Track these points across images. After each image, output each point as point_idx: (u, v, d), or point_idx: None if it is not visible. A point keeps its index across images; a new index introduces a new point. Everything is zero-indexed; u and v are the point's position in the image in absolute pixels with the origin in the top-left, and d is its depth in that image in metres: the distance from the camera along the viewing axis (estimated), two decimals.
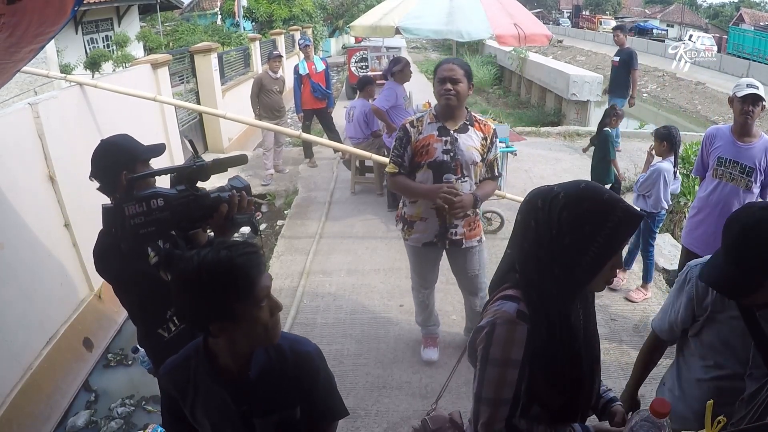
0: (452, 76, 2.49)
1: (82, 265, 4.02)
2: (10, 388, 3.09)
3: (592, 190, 1.17)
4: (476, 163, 2.60)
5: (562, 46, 31.11)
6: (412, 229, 2.79)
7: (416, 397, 2.92)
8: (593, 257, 1.14)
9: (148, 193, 1.42)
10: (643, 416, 1.27)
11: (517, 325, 1.19)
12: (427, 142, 2.60)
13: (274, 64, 6.57)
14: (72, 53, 11.65)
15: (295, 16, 18.38)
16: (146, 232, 1.41)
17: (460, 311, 3.55)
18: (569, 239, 1.14)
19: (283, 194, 6.43)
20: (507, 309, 1.21)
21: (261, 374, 1.26)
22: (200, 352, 1.26)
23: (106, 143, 1.80)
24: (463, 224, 2.71)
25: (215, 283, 1.10)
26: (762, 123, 11.49)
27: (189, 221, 1.49)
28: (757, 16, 38.27)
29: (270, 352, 1.28)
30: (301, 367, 1.30)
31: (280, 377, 1.28)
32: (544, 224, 1.16)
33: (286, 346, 1.30)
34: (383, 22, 5.45)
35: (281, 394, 1.28)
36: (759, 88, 2.75)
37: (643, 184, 3.73)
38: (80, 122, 4.43)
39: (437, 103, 2.63)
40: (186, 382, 1.28)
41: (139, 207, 1.39)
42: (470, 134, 2.61)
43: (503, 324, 1.20)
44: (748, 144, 2.83)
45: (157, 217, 1.41)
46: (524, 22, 5.43)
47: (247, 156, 1.80)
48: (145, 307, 1.80)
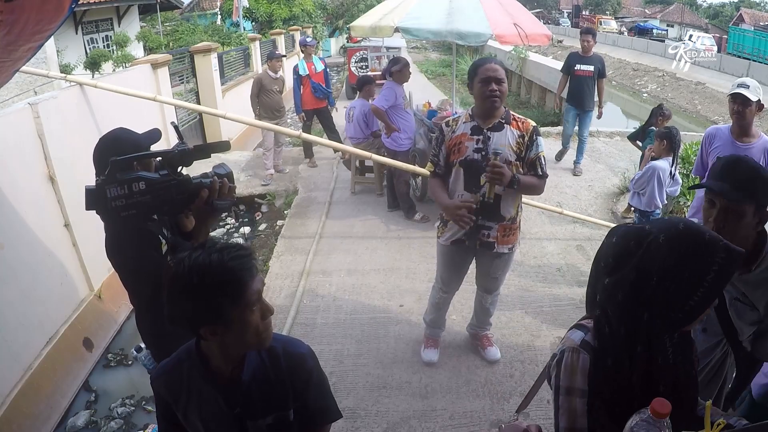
0: (497, 77, 2.46)
1: (82, 265, 4.02)
2: (10, 388, 3.09)
3: (692, 230, 1.10)
4: (510, 162, 2.54)
5: (562, 46, 31.09)
6: (445, 227, 2.78)
7: (416, 397, 2.92)
8: (697, 302, 1.09)
9: (130, 176, 1.42)
10: (643, 416, 1.27)
11: (580, 353, 1.17)
12: (460, 140, 2.59)
13: (275, 64, 6.57)
14: (72, 53, 11.66)
15: (295, 16, 18.40)
16: (127, 215, 1.43)
17: (461, 311, 3.55)
18: (672, 286, 1.07)
19: (283, 194, 6.42)
20: (573, 337, 1.20)
21: (254, 376, 1.25)
22: (193, 355, 1.26)
23: (107, 139, 1.80)
24: (497, 228, 2.67)
25: (206, 286, 1.09)
26: (762, 123, 11.48)
27: (170, 205, 1.50)
28: (757, 16, 38.25)
29: (263, 354, 1.27)
30: (294, 368, 1.30)
31: (274, 379, 1.27)
32: (643, 271, 1.09)
33: (279, 347, 1.29)
34: (383, 22, 5.44)
35: (274, 396, 1.28)
36: (750, 87, 2.73)
37: (638, 182, 3.74)
38: (80, 122, 4.44)
39: (479, 103, 2.57)
40: (179, 386, 1.28)
41: (120, 189, 1.40)
42: (505, 132, 2.56)
43: (568, 352, 1.19)
44: (747, 144, 2.82)
45: (138, 200, 1.42)
46: (524, 22, 5.42)
47: (230, 143, 1.81)
48: (158, 297, 1.79)
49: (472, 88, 2.58)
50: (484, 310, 3.15)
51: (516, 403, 2.87)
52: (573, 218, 5.15)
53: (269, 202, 6.46)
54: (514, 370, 3.13)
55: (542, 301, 3.86)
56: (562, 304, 3.80)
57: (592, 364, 1.15)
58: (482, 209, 2.58)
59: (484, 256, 2.84)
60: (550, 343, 3.36)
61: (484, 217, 2.64)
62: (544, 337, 3.42)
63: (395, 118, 5.20)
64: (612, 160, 7.36)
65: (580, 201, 5.83)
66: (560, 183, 6.32)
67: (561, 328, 3.51)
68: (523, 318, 3.64)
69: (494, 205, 2.60)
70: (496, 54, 16.63)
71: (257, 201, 6.56)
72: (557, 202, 5.60)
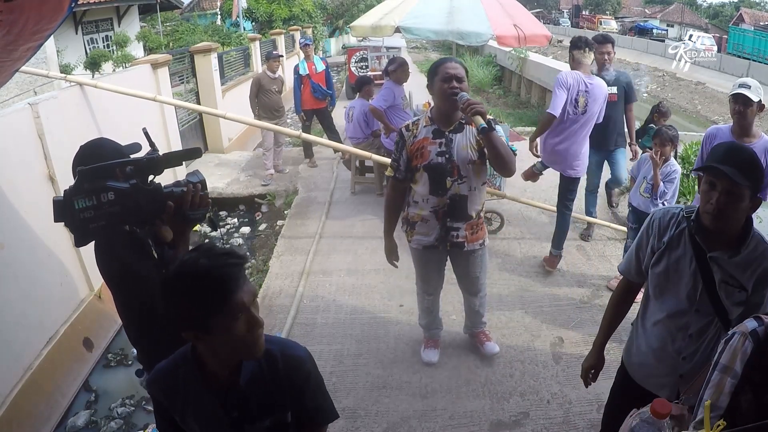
0: (458, 75, 2.47)
1: (82, 265, 4.02)
2: (10, 388, 3.08)
3: None
4: (473, 161, 2.56)
5: (562, 46, 31.08)
6: (413, 229, 2.78)
7: (416, 397, 2.92)
8: None
9: (98, 186, 1.39)
10: (643, 416, 1.27)
11: (747, 339, 1.25)
12: (422, 145, 2.57)
13: (273, 65, 6.57)
14: (72, 53, 11.66)
15: (295, 16, 18.40)
16: (96, 227, 1.39)
17: (460, 311, 3.55)
18: None
19: (283, 194, 6.42)
20: (748, 325, 1.28)
21: (251, 380, 1.24)
22: (189, 359, 1.24)
23: (89, 147, 1.75)
24: (465, 227, 2.69)
25: (188, 291, 1.08)
26: (762, 123, 11.48)
27: (140, 216, 1.46)
28: (757, 16, 38.25)
29: (260, 358, 1.25)
30: (292, 371, 1.28)
31: (271, 383, 1.26)
32: None
33: (276, 351, 1.28)
34: (383, 21, 5.45)
35: (272, 399, 1.27)
36: (752, 87, 2.74)
37: (670, 192, 3.52)
38: (80, 122, 4.44)
39: (439, 102, 2.55)
40: (175, 389, 1.26)
41: (89, 200, 1.37)
42: (465, 133, 2.57)
43: (738, 335, 1.27)
44: (748, 144, 2.81)
45: (107, 210, 1.39)
46: (524, 23, 5.43)
47: (201, 149, 1.77)
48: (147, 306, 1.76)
49: (432, 88, 2.55)
50: (475, 312, 3.15)
51: (516, 403, 2.87)
52: (573, 218, 5.14)
53: (269, 202, 6.46)
54: (514, 370, 3.12)
55: (542, 301, 3.85)
56: (562, 304, 3.80)
57: (753, 353, 1.23)
58: (450, 210, 2.61)
59: (458, 257, 2.85)
60: (550, 343, 3.36)
61: (452, 218, 2.65)
62: (544, 337, 3.42)
63: (394, 118, 5.20)
64: None
65: (580, 201, 5.82)
66: None
67: (561, 328, 3.51)
68: (523, 318, 3.64)
69: (461, 205, 2.62)
70: (496, 54, 16.62)
71: (257, 201, 6.56)
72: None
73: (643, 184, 3.64)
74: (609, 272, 4.24)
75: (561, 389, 2.95)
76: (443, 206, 2.62)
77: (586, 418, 2.75)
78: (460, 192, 2.59)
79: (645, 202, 3.63)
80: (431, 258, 2.88)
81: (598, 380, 2.03)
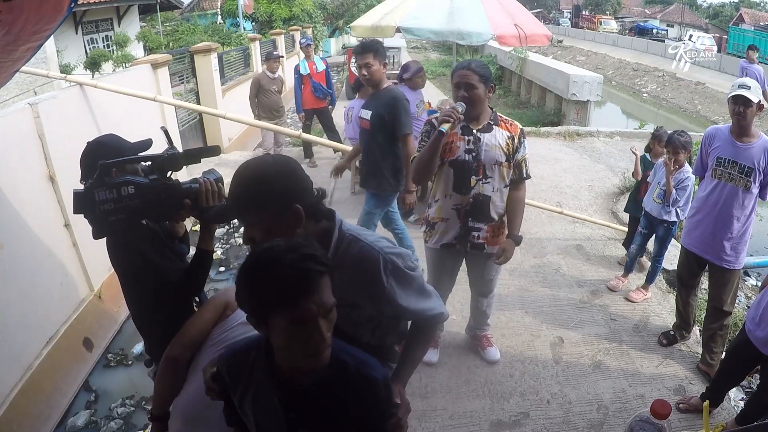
0: (467, 82, 2.48)
1: (82, 265, 4.02)
2: (10, 388, 3.09)
3: None
4: (500, 162, 2.56)
5: (562, 46, 31.10)
6: (433, 230, 2.77)
7: (416, 397, 2.92)
8: None
9: (119, 180, 1.41)
10: (643, 417, 1.27)
11: None
12: (451, 139, 2.57)
13: (272, 65, 6.57)
14: (72, 53, 11.67)
15: (295, 16, 18.39)
16: (116, 219, 1.41)
17: (461, 311, 3.55)
18: None
19: None
20: None
21: (316, 386, 1.15)
22: (263, 345, 1.17)
23: (92, 144, 1.77)
24: (487, 228, 2.68)
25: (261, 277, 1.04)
26: (762, 123, 11.47)
27: (159, 210, 1.48)
28: (757, 16, 38.22)
29: (333, 366, 1.15)
30: (362, 392, 1.19)
31: (336, 396, 1.17)
32: None
33: (352, 365, 1.19)
34: (384, 22, 5.46)
35: (335, 412, 1.18)
36: (751, 88, 2.73)
37: (686, 204, 3.53)
38: (80, 122, 4.43)
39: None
40: (241, 372, 1.21)
41: (109, 193, 1.39)
42: (494, 133, 2.57)
43: None
44: (747, 144, 2.82)
45: (127, 204, 1.41)
46: (524, 23, 5.44)
47: (220, 148, 1.82)
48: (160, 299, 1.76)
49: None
50: (481, 313, 3.15)
51: (516, 403, 2.87)
52: (573, 218, 5.15)
53: None
54: (514, 370, 3.12)
55: (542, 301, 3.85)
56: (562, 304, 3.80)
57: None
58: (472, 209, 2.61)
59: (476, 258, 2.84)
60: (550, 343, 3.36)
61: (474, 219, 2.65)
62: (544, 337, 3.42)
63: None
64: (612, 160, 7.36)
65: (580, 201, 5.83)
66: (560, 183, 6.32)
67: (561, 328, 3.51)
68: (523, 318, 3.64)
69: (483, 205, 2.62)
70: (496, 54, 16.63)
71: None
72: (557, 202, 5.60)
73: (657, 189, 3.64)
74: (609, 272, 4.24)
75: (561, 389, 2.95)
76: (466, 204, 2.61)
77: (586, 418, 2.75)
78: (483, 192, 2.58)
79: (657, 208, 3.64)
80: (447, 259, 2.85)
81: (597, 380, 2.04)
